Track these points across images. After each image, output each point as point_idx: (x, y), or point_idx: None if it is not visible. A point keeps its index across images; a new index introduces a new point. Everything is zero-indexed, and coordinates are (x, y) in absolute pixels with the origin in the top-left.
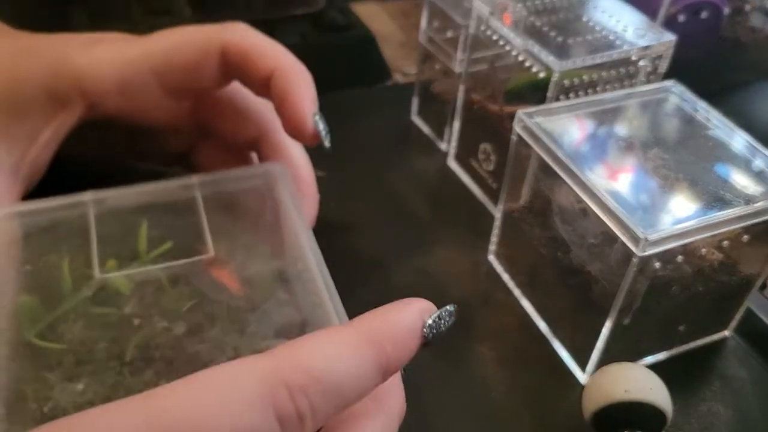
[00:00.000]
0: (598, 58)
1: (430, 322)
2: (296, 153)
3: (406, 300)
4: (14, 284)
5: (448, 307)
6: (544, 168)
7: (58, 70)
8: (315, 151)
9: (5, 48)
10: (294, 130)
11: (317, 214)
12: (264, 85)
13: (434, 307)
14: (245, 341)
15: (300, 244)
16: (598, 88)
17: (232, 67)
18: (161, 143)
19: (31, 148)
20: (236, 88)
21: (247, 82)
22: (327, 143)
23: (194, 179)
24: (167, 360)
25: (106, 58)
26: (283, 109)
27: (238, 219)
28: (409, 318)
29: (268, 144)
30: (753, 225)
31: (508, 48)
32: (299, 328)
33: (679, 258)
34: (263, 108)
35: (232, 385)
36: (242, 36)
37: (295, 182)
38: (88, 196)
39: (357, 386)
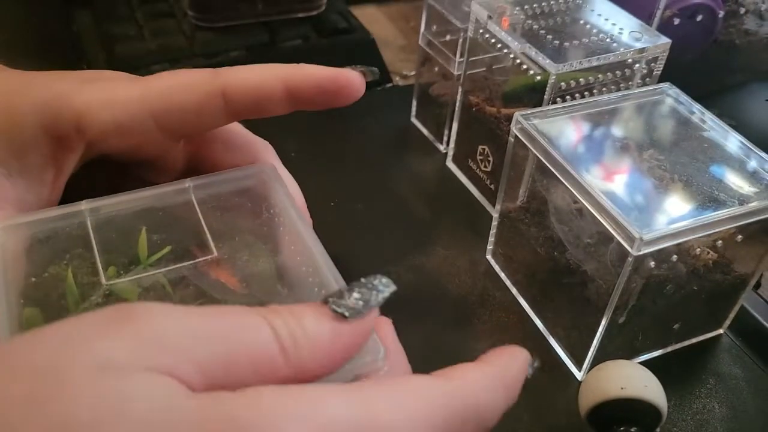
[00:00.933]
0: (594, 61)
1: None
2: (288, 179)
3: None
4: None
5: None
6: (541, 169)
7: (56, 109)
8: (314, 154)
9: (1, 85)
10: (348, 90)
11: (314, 222)
12: (286, 103)
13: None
14: None
15: (299, 239)
16: (594, 91)
17: (241, 106)
18: (146, 181)
19: (42, 189)
20: None
21: (268, 111)
22: (372, 75)
23: (188, 183)
24: None
25: (105, 99)
26: (324, 92)
27: (234, 218)
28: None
29: None
30: (747, 225)
31: (505, 51)
32: None
33: (674, 257)
34: (252, 137)
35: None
36: (243, 75)
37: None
38: (83, 206)
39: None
